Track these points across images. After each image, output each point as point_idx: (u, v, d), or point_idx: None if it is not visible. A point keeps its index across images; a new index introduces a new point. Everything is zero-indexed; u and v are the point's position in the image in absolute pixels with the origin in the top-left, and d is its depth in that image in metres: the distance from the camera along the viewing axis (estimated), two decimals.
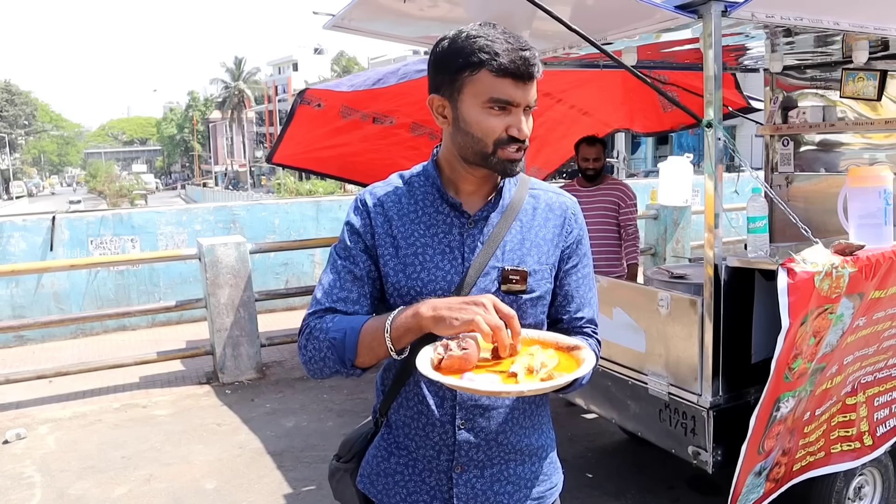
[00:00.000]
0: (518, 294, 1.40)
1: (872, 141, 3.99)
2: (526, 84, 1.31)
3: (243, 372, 5.52)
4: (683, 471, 3.54)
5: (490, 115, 1.32)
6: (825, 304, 2.34)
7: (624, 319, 3.08)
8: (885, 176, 2.55)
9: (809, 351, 2.39)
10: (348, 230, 1.45)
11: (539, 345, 1.32)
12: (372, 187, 1.48)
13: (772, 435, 2.48)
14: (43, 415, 4.89)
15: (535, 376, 1.21)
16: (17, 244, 6.71)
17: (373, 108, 5.14)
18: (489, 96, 1.31)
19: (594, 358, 1.28)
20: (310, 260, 8.03)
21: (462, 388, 1.19)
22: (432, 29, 3.48)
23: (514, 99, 1.31)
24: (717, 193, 2.61)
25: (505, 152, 1.33)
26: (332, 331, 1.34)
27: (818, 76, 4.19)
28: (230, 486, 3.77)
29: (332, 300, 1.40)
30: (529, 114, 1.36)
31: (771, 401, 2.38)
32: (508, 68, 1.28)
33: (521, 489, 1.46)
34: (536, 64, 1.31)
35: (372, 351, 1.31)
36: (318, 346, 1.35)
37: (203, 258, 5.44)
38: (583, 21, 2.56)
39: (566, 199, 1.51)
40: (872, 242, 2.51)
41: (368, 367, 1.36)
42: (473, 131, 1.34)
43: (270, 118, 71.37)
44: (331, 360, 1.34)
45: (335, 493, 1.66)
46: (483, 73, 1.30)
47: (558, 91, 5.01)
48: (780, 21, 2.63)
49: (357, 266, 1.42)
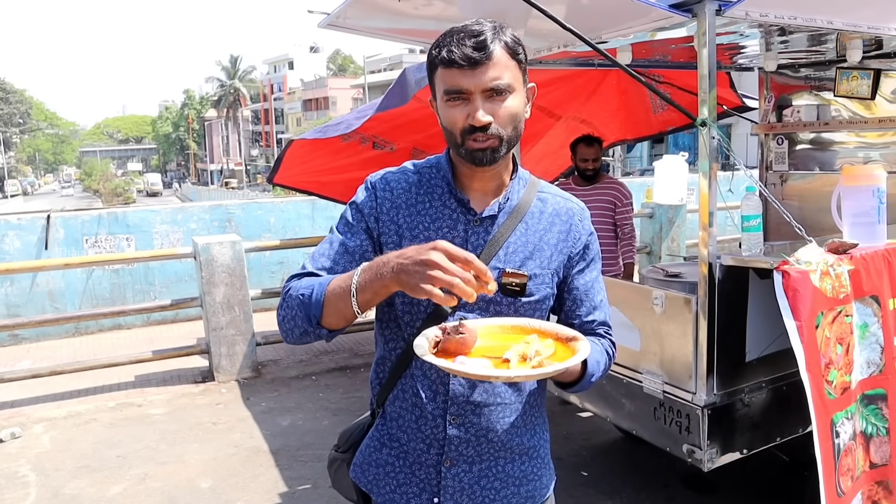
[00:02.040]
0: (516, 297, 1.39)
1: (866, 140, 4.00)
2: (475, 69, 1.28)
3: (239, 371, 5.51)
4: (678, 469, 3.55)
5: (450, 108, 1.33)
6: (834, 305, 2.30)
7: (618, 318, 3.08)
8: (879, 174, 2.56)
9: (841, 361, 2.31)
10: (353, 209, 1.44)
11: (538, 334, 1.30)
12: (384, 172, 1.47)
13: (843, 471, 2.28)
14: (38, 414, 4.88)
15: (528, 364, 1.19)
16: (11, 243, 6.70)
17: (372, 131, 5.00)
18: (444, 89, 1.32)
19: (589, 348, 1.25)
20: (305, 259, 8.00)
21: (452, 370, 1.18)
22: (427, 27, 3.48)
23: (463, 86, 1.29)
24: (711, 192, 2.62)
25: (469, 142, 1.32)
26: (302, 288, 1.32)
27: (812, 75, 4.20)
28: (225, 484, 3.76)
29: (317, 266, 1.40)
30: (502, 98, 1.30)
31: (826, 425, 2.23)
32: (450, 58, 1.29)
33: (508, 486, 1.46)
34: (486, 45, 1.27)
35: (338, 312, 1.27)
36: (290, 305, 1.33)
37: (198, 257, 5.43)
38: (577, 19, 2.56)
39: (574, 204, 1.51)
40: (866, 241, 2.52)
41: (336, 328, 1.31)
42: (444, 125, 1.36)
43: (266, 116, 71.27)
44: (299, 319, 1.31)
45: (333, 483, 1.68)
46: (439, 69, 1.33)
47: (555, 107, 4.97)
48: (774, 20, 2.64)
49: (352, 240, 1.41)
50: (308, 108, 61.57)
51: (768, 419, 2.83)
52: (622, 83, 4.85)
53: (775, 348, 2.79)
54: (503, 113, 1.31)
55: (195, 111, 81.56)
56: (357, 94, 54.19)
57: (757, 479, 3.51)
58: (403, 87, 4.07)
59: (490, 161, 1.34)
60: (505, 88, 1.31)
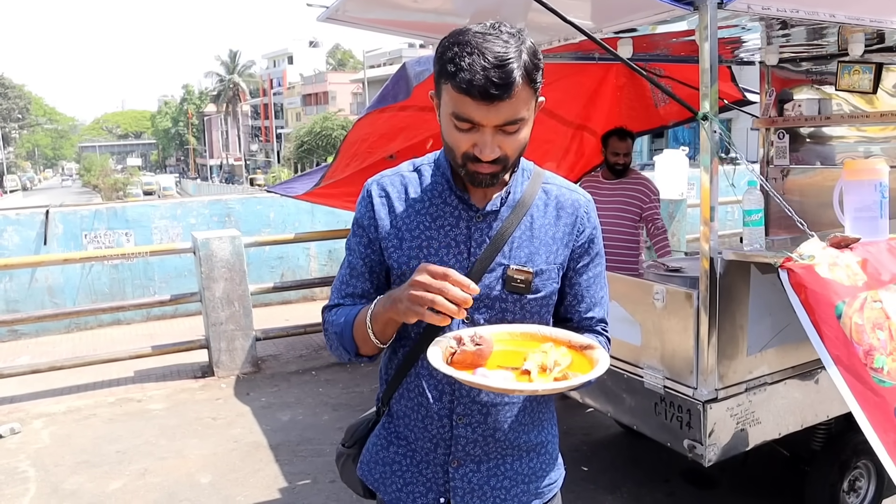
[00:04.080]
0: (522, 294, 1.37)
1: (868, 134, 3.99)
2: (491, 105, 1.20)
3: (238, 366, 5.51)
4: (679, 464, 3.54)
5: (455, 130, 1.26)
6: (856, 293, 2.24)
7: (619, 313, 3.08)
8: (881, 169, 2.54)
9: (888, 346, 2.20)
10: (355, 225, 1.45)
11: (552, 342, 1.29)
12: (380, 176, 1.46)
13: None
14: (37, 409, 4.88)
15: (549, 375, 1.19)
16: (10, 238, 6.68)
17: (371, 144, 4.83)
18: (452, 111, 1.25)
19: (608, 358, 1.26)
20: (305, 254, 8.01)
21: (476, 384, 1.16)
22: (427, 20, 3.46)
23: (475, 119, 1.22)
24: (712, 186, 2.60)
25: (473, 166, 1.28)
26: (335, 325, 1.40)
27: (814, 69, 4.19)
28: (225, 480, 3.76)
29: (340, 296, 1.46)
30: (514, 131, 1.26)
31: (887, 416, 2.09)
32: (467, 88, 1.19)
33: (518, 484, 1.45)
34: (510, 83, 1.18)
35: (366, 343, 1.33)
36: (331, 339, 1.43)
37: (198, 252, 5.42)
38: (578, 13, 2.55)
39: (580, 195, 1.46)
40: (868, 235, 2.50)
41: (373, 354, 1.38)
42: (447, 141, 1.31)
43: (266, 111, 71.14)
44: (342, 351, 1.40)
45: (341, 476, 1.68)
46: (449, 86, 1.23)
47: (556, 107, 4.86)
48: (776, 13, 2.62)
49: (359, 262, 1.43)
50: (307, 102, 61.47)
51: (769, 414, 2.83)
52: (621, 78, 4.82)
53: (776, 343, 2.78)
54: (512, 145, 1.27)
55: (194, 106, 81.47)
56: (356, 89, 54.10)
57: (757, 475, 3.51)
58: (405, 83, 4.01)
59: (489, 184, 1.32)
60: (519, 122, 1.25)
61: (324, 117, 41.87)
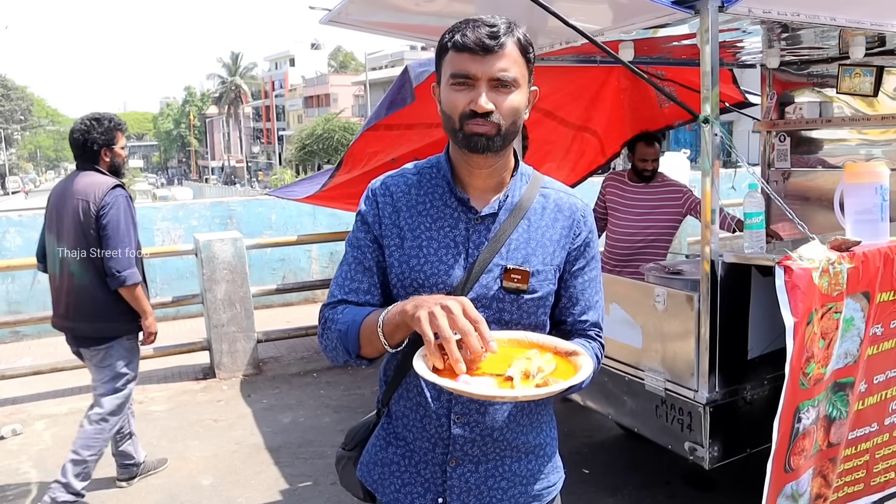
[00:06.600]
0: (519, 294, 1.39)
1: (869, 137, 3.99)
2: (485, 56, 1.29)
3: (240, 368, 5.51)
4: (680, 466, 3.54)
5: (454, 91, 1.33)
6: (827, 302, 2.32)
7: (620, 315, 3.08)
8: (882, 172, 2.55)
9: (821, 354, 2.34)
10: (359, 220, 1.46)
11: (538, 349, 1.30)
12: (384, 176, 1.48)
13: (797, 450, 2.39)
14: (39, 410, 4.89)
15: (531, 381, 1.20)
16: (12, 240, 6.69)
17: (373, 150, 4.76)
18: (451, 72, 1.33)
19: (592, 365, 1.27)
20: (306, 256, 8.01)
21: (456, 390, 1.17)
22: (429, 22, 3.47)
23: (471, 71, 1.30)
24: (713, 189, 2.61)
25: (468, 126, 1.32)
26: (340, 322, 1.38)
27: (815, 72, 4.19)
28: (226, 481, 3.76)
29: (344, 292, 1.44)
30: (507, 91, 1.32)
31: (790, 411, 2.31)
32: (463, 42, 1.30)
33: (515, 485, 1.45)
34: (500, 37, 1.29)
35: (371, 344, 1.33)
36: (330, 337, 1.40)
37: (199, 254, 5.43)
38: (579, 16, 2.55)
39: (577, 199, 1.50)
40: (869, 238, 2.51)
41: (374, 357, 1.38)
42: (444, 109, 1.36)
43: (267, 113, 71.22)
44: (340, 350, 1.38)
45: (341, 480, 1.68)
46: (449, 52, 1.34)
47: (557, 108, 4.88)
48: (777, 16, 2.63)
49: (366, 257, 1.43)
50: (309, 104, 61.56)
51: (770, 417, 2.82)
52: (623, 81, 4.82)
53: (777, 346, 2.77)
54: (506, 105, 1.32)
55: (196, 108, 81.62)
56: (358, 91, 54.16)
57: (758, 477, 3.50)
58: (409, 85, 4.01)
59: (485, 148, 1.33)
60: (511, 81, 1.31)
61: (325, 119, 41.87)
